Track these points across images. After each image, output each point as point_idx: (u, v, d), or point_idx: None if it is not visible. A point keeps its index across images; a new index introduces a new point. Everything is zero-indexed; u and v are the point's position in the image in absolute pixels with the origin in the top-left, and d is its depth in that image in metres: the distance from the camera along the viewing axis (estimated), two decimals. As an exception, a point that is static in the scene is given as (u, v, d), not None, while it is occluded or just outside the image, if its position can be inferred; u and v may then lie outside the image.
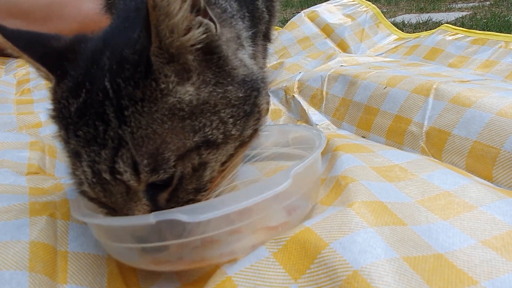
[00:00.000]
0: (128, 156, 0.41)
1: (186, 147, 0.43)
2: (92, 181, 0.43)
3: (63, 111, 0.44)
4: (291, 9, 3.86)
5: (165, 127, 0.42)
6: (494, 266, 0.39)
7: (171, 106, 0.42)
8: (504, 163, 0.63)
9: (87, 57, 0.46)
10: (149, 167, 0.41)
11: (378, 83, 0.91)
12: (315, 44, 1.63)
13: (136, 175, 0.41)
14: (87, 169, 0.42)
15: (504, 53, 1.19)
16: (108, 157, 0.41)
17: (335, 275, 0.40)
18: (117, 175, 0.41)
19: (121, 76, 0.41)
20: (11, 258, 0.48)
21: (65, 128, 0.44)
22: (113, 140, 0.41)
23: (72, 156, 0.44)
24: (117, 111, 0.41)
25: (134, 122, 0.41)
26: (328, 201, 0.56)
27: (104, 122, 0.41)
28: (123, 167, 0.41)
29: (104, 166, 0.41)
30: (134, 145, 0.41)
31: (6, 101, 1.13)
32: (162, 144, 0.42)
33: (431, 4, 3.24)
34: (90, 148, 0.42)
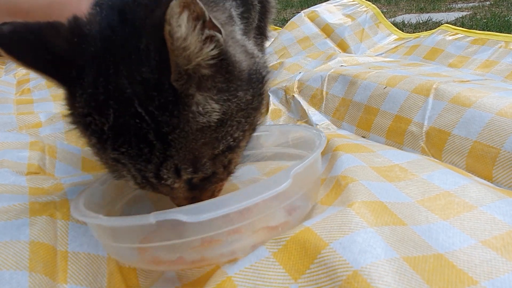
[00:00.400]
0: (172, 167, 0.47)
1: (215, 154, 0.49)
2: (141, 182, 0.48)
3: (93, 127, 0.47)
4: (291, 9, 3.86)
5: (199, 143, 0.47)
6: (494, 266, 0.39)
7: (203, 125, 0.47)
8: (504, 163, 0.63)
9: (94, 65, 0.46)
10: (189, 171, 0.48)
11: (378, 83, 0.92)
12: (315, 44, 1.63)
13: (179, 178, 0.48)
14: (135, 173, 0.48)
15: (504, 53, 1.19)
16: (154, 169, 0.47)
17: (335, 275, 0.40)
18: (163, 180, 0.47)
19: (153, 104, 0.44)
20: (11, 258, 0.48)
21: (99, 140, 0.47)
22: (158, 158, 0.46)
23: (114, 161, 0.48)
24: (159, 136, 0.45)
25: (176, 143, 0.46)
26: (328, 201, 0.56)
27: (147, 145, 0.45)
28: (167, 175, 0.47)
29: (151, 174, 0.47)
30: (178, 160, 0.47)
31: (6, 101, 1.13)
32: (199, 155, 0.48)
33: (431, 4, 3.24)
34: (135, 161, 0.46)
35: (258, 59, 0.54)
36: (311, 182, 0.54)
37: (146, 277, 0.53)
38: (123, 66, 0.45)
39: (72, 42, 0.47)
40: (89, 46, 0.47)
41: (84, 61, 0.47)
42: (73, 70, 0.47)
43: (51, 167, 0.75)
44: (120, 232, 0.48)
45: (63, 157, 0.78)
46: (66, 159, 0.78)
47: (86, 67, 0.47)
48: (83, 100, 0.47)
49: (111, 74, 0.46)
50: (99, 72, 0.46)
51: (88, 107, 0.47)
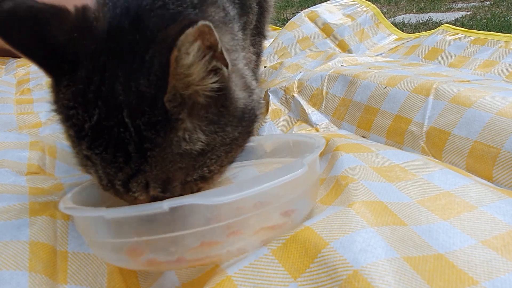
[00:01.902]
0: (142, 181, 0.46)
1: (187, 180, 0.48)
2: (106, 185, 0.47)
3: (74, 120, 0.46)
4: (291, 9, 3.86)
5: (175, 166, 0.47)
6: (495, 266, 0.39)
7: (184, 151, 0.46)
8: (504, 163, 0.63)
9: (91, 62, 0.46)
10: (158, 190, 0.47)
11: (378, 83, 0.92)
12: (315, 44, 1.63)
13: (146, 193, 0.47)
14: (103, 176, 0.47)
15: (504, 53, 1.19)
16: (124, 179, 0.46)
17: (335, 275, 0.40)
18: (131, 192, 0.47)
19: (141, 119, 0.44)
20: (11, 258, 0.48)
21: (77, 135, 0.47)
22: (132, 169, 0.45)
23: (86, 158, 0.47)
24: (138, 149, 0.44)
25: (154, 161, 0.45)
26: (328, 201, 0.56)
27: (124, 154, 0.45)
28: (136, 188, 0.46)
29: (119, 183, 0.46)
30: (150, 177, 0.46)
31: (6, 101, 1.13)
32: (171, 177, 0.47)
33: (431, 4, 3.24)
34: (106, 165, 0.46)
35: (255, 96, 0.54)
36: (309, 182, 0.54)
37: (146, 277, 0.53)
38: (122, 72, 0.45)
39: (72, 37, 0.46)
40: (91, 43, 0.46)
41: (81, 56, 0.46)
42: (66, 63, 0.46)
43: (51, 167, 0.75)
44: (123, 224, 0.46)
45: (63, 157, 0.78)
46: (66, 159, 0.78)
47: (82, 62, 0.46)
48: (70, 92, 0.46)
49: (107, 76, 0.45)
50: (94, 70, 0.46)
51: (74, 101, 0.46)
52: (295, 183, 0.47)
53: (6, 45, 0.45)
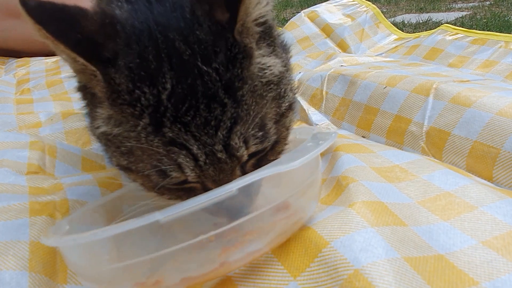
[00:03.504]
0: (242, 132, 0.43)
1: (280, 113, 0.47)
2: (204, 163, 0.43)
3: (143, 100, 0.41)
4: (291, 9, 3.86)
5: (265, 100, 0.45)
6: (495, 266, 0.39)
7: (268, 79, 0.46)
8: (504, 163, 0.63)
9: (139, 41, 0.42)
10: (257, 139, 0.44)
11: (378, 83, 0.92)
12: (315, 44, 1.63)
13: (246, 148, 0.44)
14: (198, 151, 0.42)
15: (504, 53, 1.19)
16: (225, 136, 0.42)
17: (336, 274, 0.40)
18: (233, 151, 0.43)
19: (217, 60, 0.42)
20: (11, 258, 0.48)
21: (154, 115, 0.42)
22: (230, 119, 0.42)
23: (170, 145, 0.42)
24: (229, 93, 0.42)
25: (246, 101, 0.43)
26: (328, 201, 0.56)
27: (218, 104, 0.42)
28: (238, 143, 0.43)
29: (220, 146, 0.42)
30: (248, 121, 0.43)
31: (6, 100, 1.13)
32: (265, 116, 0.45)
33: (431, 4, 3.24)
34: (202, 131, 0.42)
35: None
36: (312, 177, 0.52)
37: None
38: (174, 32, 0.43)
39: (103, 23, 0.42)
40: (125, 25, 0.43)
41: (119, 42, 0.42)
42: (105, 51, 0.42)
43: (51, 167, 0.75)
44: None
45: (63, 157, 0.78)
46: (66, 159, 0.78)
47: (123, 46, 0.42)
48: (124, 76, 0.42)
49: (160, 42, 0.42)
50: (143, 45, 0.42)
51: (134, 81, 0.41)
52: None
53: (5, 45, 0.44)
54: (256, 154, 0.46)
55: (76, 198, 0.61)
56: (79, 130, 0.91)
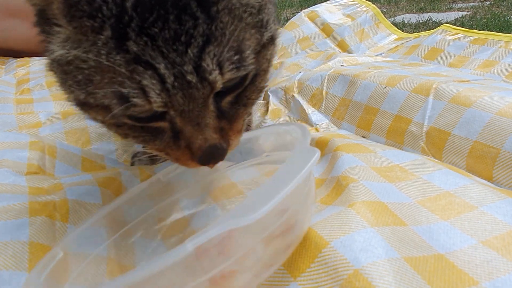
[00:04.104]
0: (215, 53, 0.39)
1: (261, 43, 0.44)
2: (172, 86, 0.38)
3: (104, 11, 0.36)
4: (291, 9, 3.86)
5: (244, 23, 0.41)
6: (495, 266, 0.39)
7: (248, 1, 0.42)
8: (504, 163, 0.63)
9: None
10: (233, 64, 0.40)
11: (378, 83, 0.91)
12: (315, 44, 1.62)
13: (221, 74, 0.39)
14: (166, 71, 0.37)
15: (504, 53, 1.19)
16: (196, 55, 0.38)
17: (336, 274, 0.40)
18: (206, 74, 0.39)
19: None
20: (11, 258, 0.48)
21: (117, 31, 0.37)
22: (202, 36, 0.38)
23: (134, 63, 0.37)
24: (202, 5, 0.38)
25: (221, 19, 0.39)
26: (328, 201, 0.56)
27: (191, 17, 0.37)
28: (211, 65, 0.38)
29: (190, 67, 0.38)
30: (222, 42, 0.39)
31: (6, 100, 1.13)
32: (243, 41, 0.41)
33: (431, 4, 3.24)
34: (171, 48, 0.37)
35: None
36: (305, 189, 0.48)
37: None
38: None
39: None
40: None
41: None
42: None
43: (51, 167, 0.75)
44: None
45: (63, 157, 0.78)
46: (66, 159, 0.78)
47: None
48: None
49: None
50: None
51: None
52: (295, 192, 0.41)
53: (5, 45, 0.43)
54: (233, 88, 0.42)
55: (76, 198, 0.61)
56: (79, 130, 0.91)
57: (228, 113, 0.44)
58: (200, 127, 0.41)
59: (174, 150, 0.44)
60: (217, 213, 0.60)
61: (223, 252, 0.36)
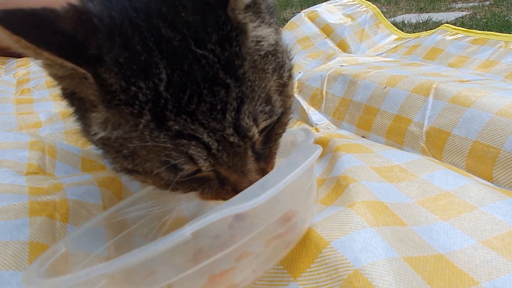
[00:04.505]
0: (250, 111, 0.41)
1: (283, 83, 0.47)
2: (217, 150, 0.41)
3: (140, 96, 0.38)
4: (291, 9, 3.86)
5: (267, 73, 0.44)
6: (495, 266, 0.39)
7: (266, 51, 0.44)
8: (504, 163, 0.63)
9: (122, 32, 0.39)
10: (266, 114, 0.43)
11: (378, 83, 0.91)
12: (315, 44, 1.63)
13: (256, 125, 0.42)
14: (209, 139, 0.40)
15: (504, 53, 1.19)
16: (234, 118, 0.40)
17: (336, 274, 0.40)
18: (246, 132, 0.41)
19: (211, 41, 0.40)
20: (11, 258, 0.48)
21: (154, 109, 0.39)
22: (235, 99, 0.40)
23: (177, 138, 0.40)
24: (229, 73, 0.40)
25: (248, 78, 0.41)
26: (328, 201, 0.56)
27: (222, 86, 0.40)
28: (249, 122, 0.41)
29: (231, 130, 0.41)
30: (254, 98, 0.42)
31: (6, 100, 1.13)
32: (270, 89, 0.44)
33: (431, 4, 3.24)
34: (209, 118, 0.40)
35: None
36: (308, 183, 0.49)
37: (146, 277, 0.53)
38: (157, 19, 0.40)
39: (79, 20, 0.39)
40: (102, 17, 0.40)
41: (100, 37, 0.39)
42: (89, 49, 0.38)
43: (51, 167, 0.75)
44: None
45: (63, 157, 0.78)
46: (66, 159, 0.78)
47: (105, 40, 0.39)
48: (115, 73, 0.38)
49: (145, 30, 0.39)
50: (126, 35, 0.39)
51: (126, 77, 0.38)
52: (294, 185, 0.43)
53: (5, 45, 0.42)
54: (263, 130, 0.45)
55: (76, 198, 0.61)
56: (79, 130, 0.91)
57: (262, 153, 0.47)
58: (244, 174, 0.44)
59: (221, 193, 0.47)
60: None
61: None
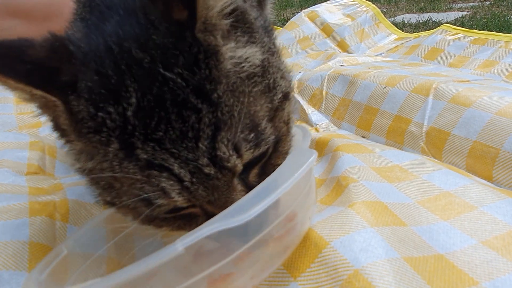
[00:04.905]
0: (229, 138, 0.37)
1: (274, 108, 0.42)
2: (191, 182, 0.37)
3: (108, 122, 0.37)
4: (291, 9, 3.86)
5: (251, 97, 0.40)
6: (495, 266, 0.39)
7: (248, 72, 0.40)
8: (504, 163, 0.63)
9: (96, 57, 0.38)
10: (250, 143, 0.39)
11: (378, 83, 0.91)
12: (315, 44, 1.63)
13: (239, 156, 0.38)
14: (181, 170, 0.37)
15: (504, 53, 1.19)
16: (208, 147, 0.37)
17: (336, 274, 0.40)
18: (224, 162, 0.37)
19: (177, 64, 0.37)
20: (11, 258, 0.48)
21: (122, 136, 0.37)
22: (209, 126, 0.37)
23: (147, 168, 0.37)
24: (201, 97, 0.37)
25: (225, 102, 0.38)
26: (328, 201, 0.56)
27: (193, 110, 0.36)
28: (227, 152, 0.37)
29: (205, 160, 0.37)
30: (233, 124, 0.38)
31: (6, 100, 1.13)
32: (255, 114, 0.40)
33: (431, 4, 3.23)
34: (180, 147, 0.36)
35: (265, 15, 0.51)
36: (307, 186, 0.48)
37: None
38: (129, 41, 0.38)
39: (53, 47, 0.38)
40: (80, 44, 0.39)
41: (75, 63, 0.38)
42: (62, 75, 0.37)
43: (51, 167, 0.75)
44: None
45: (63, 157, 0.78)
46: (66, 159, 0.77)
47: (80, 66, 0.38)
48: (84, 100, 0.37)
49: (116, 53, 0.38)
50: (99, 60, 0.38)
51: (95, 102, 0.36)
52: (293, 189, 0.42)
53: None
54: (255, 161, 0.41)
55: (76, 198, 0.61)
56: (79, 130, 0.91)
57: (254, 183, 0.42)
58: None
59: None
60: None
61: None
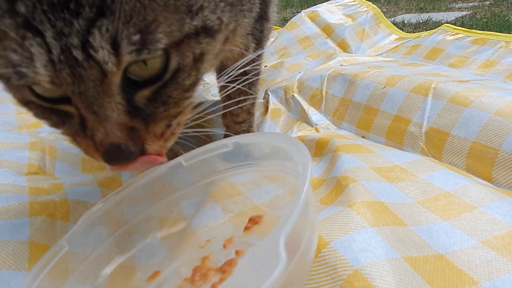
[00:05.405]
0: (108, 28, 0.33)
1: (184, 32, 0.38)
2: (58, 59, 0.34)
3: None
4: (291, 9, 3.86)
5: (156, 3, 0.35)
6: (495, 266, 0.39)
7: None
8: (504, 163, 0.63)
9: None
10: (133, 45, 0.34)
11: (377, 83, 0.91)
12: (315, 44, 1.63)
13: (115, 54, 0.34)
14: (52, 41, 0.33)
15: (505, 53, 1.19)
16: (83, 28, 0.32)
17: (336, 274, 0.40)
18: (93, 52, 0.33)
19: None
20: (11, 258, 0.48)
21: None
22: (92, 6, 0.32)
23: (21, 27, 0.33)
24: None
25: None
26: (328, 201, 0.56)
27: None
28: (99, 40, 0.33)
29: (76, 40, 0.33)
30: (120, 17, 0.33)
31: (5, 100, 1.13)
32: (153, 21, 0.35)
33: (431, 4, 3.24)
34: (58, 15, 0.32)
35: None
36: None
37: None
38: None
39: None
40: None
41: None
42: None
43: (51, 167, 0.75)
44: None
45: (63, 157, 0.78)
46: (66, 159, 0.78)
47: None
48: None
49: None
50: None
51: None
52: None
53: None
54: (150, 81, 0.37)
55: (76, 198, 0.61)
56: (79, 130, 0.91)
57: (144, 110, 0.38)
58: (100, 118, 0.37)
59: (82, 138, 0.41)
60: (217, 213, 0.60)
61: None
